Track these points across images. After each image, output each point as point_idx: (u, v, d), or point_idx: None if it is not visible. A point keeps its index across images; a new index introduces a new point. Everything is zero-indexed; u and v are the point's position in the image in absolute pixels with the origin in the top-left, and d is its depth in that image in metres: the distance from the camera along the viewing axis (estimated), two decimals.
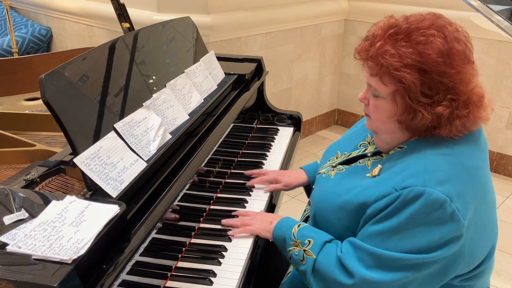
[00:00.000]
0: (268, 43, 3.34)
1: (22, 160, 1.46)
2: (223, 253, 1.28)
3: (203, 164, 1.45)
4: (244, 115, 2.05)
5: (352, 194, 1.13)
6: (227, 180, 1.66)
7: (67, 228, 0.89)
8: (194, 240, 1.34)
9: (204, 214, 1.46)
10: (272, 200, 1.60)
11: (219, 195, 1.56)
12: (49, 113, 1.08)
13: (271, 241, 1.32)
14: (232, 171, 1.72)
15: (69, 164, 1.20)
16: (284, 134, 2.05)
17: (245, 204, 1.52)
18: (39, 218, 0.91)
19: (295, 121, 2.13)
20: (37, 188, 1.17)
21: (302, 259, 1.16)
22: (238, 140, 1.92)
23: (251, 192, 1.58)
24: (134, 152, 1.19)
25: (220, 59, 1.94)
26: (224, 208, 1.49)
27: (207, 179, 1.53)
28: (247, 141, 1.95)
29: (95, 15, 3.44)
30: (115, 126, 1.19)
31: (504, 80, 3.27)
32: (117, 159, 1.12)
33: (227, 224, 1.38)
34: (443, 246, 1.00)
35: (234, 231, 1.35)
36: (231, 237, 1.34)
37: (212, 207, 1.50)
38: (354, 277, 1.06)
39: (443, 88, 1.04)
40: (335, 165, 1.29)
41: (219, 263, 1.25)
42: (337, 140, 1.43)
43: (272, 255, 1.58)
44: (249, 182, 1.61)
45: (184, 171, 1.27)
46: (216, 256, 1.27)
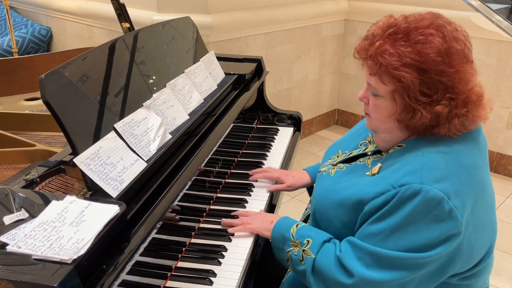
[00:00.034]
0: (268, 43, 3.34)
1: (22, 160, 1.46)
2: (223, 253, 1.28)
3: (203, 164, 1.45)
4: (244, 115, 2.05)
5: (351, 191, 1.13)
6: (227, 180, 1.66)
7: (67, 228, 0.89)
8: (194, 240, 1.34)
9: (204, 214, 1.46)
10: (272, 200, 1.60)
11: (219, 195, 1.57)
12: (49, 113, 1.08)
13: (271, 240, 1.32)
14: (232, 171, 1.72)
15: (69, 164, 1.20)
16: (284, 134, 2.05)
17: (245, 204, 1.52)
18: (39, 218, 0.91)
19: (295, 121, 2.13)
20: (37, 188, 1.17)
21: (302, 259, 1.16)
22: (238, 140, 1.92)
23: (251, 192, 1.58)
24: (134, 152, 1.19)
25: (220, 59, 1.94)
26: (224, 208, 1.49)
27: (207, 179, 1.53)
28: (247, 141, 1.95)
29: (95, 15, 3.44)
30: (115, 126, 1.19)
31: (504, 80, 3.27)
32: (117, 159, 1.12)
33: (227, 223, 1.38)
34: (441, 244, 1.01)
35: (234, 229, 1.35)
36: (231, 237, 1.34)
37: (212, 207, 1.50)
38: (354, 276, 1.06)
39: (442, 87, 1.04)
40: (335, 163, 1.29)
41: (219, 263, 1.25)
42: (338, 139, 1.43)
43: (273, 254, 1.58)
44: (252, 176, 1.64)
45: (184, 171, 1.27)
46: (216, 256, 1.27)
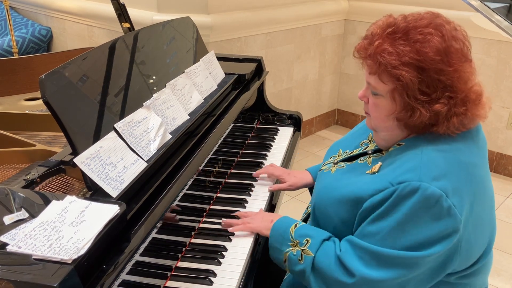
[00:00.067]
0: (268, 43, 3.34)
1: (22, 160, 1.46)
2: (223, 253, 1.28)
3: (203, 164, 1.45)
4: (244, 115, 2.05)
5: (350, 189, 1.14)
6: (227, 180, 1.66)
7: (67, 228, 0.89)
8: (194, 240, 1.34)
9: (204, 214, 1.46)
10: (272, 200, 1.60)
11: (219, 195, 1.57)
12: (49, 113, 1.08)
13: None
14: (232, 171, 1.72)
15: (69, 164, 1.20)
16: (284, 134, 2.05)
17: (245, 204, 1.52)
18: (39, 218, 0.91)
19: (295, 121, 2.13)
20: (37, 188, 1.17)
21: (301, 258, 1.16)
22: (238, 140, 1.92)
23: (251, 192, 1.58)
24: (134, 152, 1.19)
25: (220, 59, 1.94)
26: (224, 208, 1.49)
27: (207, 179, 1.53)
28: (247, 141, 1.95)
29: (95, 15, 3.44)
30: (115, 126, 1.19)
31: (504, 80, 3.27)
32: (117, 159, 1.12)
33: (227, 223, 1.38)
34: (440, 241, 1.01)
35: (234, 228, 1.35)
36: (231, 236, 1.34)
37: (212, 207, 1.50)
38: (355, 276, 1.06)
39: (441, 86, 1.04)
40: (336, 162, 1.30)
41: (219, 263, 1.25)
42: (339, 139, 1.44)
43: None
44: (255, 172, 1.65)
45: (184, 171, 1.27)
46: (216, 256, 1.27)
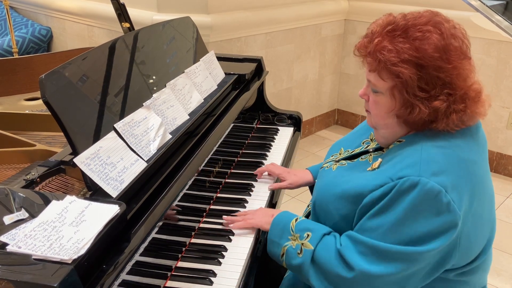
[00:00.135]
0: (268, 43, 3.34)
1: (22, 160, 1.46)
2: (223, 253, 1.28)
3: (203, 164, 1.45)
4: (244, 115, 2.05)
5: (351, 185, 1.15)
6: (227, 180, 1.66)
7: (67, 228, 0.89)
8: (194, 240, 1.34)
9: (204, 214, 1.46)
10: (272, 199, 1.60)
11: (219, 195, 1.57)
12: (49, 113, 1.08)
13: None
14: (232, 171, 1.72)
15: (69, 164, 1.20)
16: (284, 134, 2.05)
17: (245, 204, 1.52)
18: (39, 218, 0.91)
19: (295, 121, 2.14)
20: (37, 188, 1.17)
21: (300, 251, 1.16)
22: (238, 140, 1.92)
23: (251, 192, 1.58)
24: (134, 152, 1.19)
25: (220, 59, 1.94)
26: (224, 208, 1.49)
27: (207, 179, 1.53)
28: (247, 141, 1.95)
29: (95, 15, 3.44)
30: (115, 126, 1.19)
31: (504, 80, 3.27)
32: (117, 159, 1.12)
33: (228, 220, 1.38)
34: (440, 236, 1.01)
35: (235, 224, 1.36)
36: (231, 236, 1.34)
37: (212, 207, 1.50)
38: (354, 270, 1.06)
39: (440, 82, 1.05)
40: (338, 160, 1.31)
41: (219, 263, 1.25)
42: (341, 138, 1.44)
43: None
44: (256, 170, 1.66)
45: (184, 171, 1.27)
46: (216, 256, 1.27)
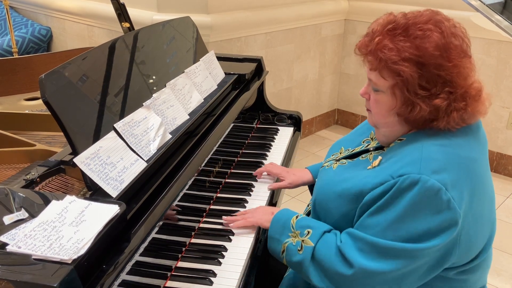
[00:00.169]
0: (268, 43, 3.34)
1: (22, 160, 1.46)
2: (223, 253, 1.28)
3: (203, 164, 1.45)
4: (244, 115, 2.05)
5: (351, 183, 1.15)
6: (227, 180, 1.66)
7: (67, 228, 0.89)
8: (194, 240, 1.34)
9: (204, 214, 1.46)
10: (272, 199, 1.60)
11: (219, 195, 1.57)
12: (49, 113, 1.08)
13: None
14: (232, 171, 1.72)
15: (69, 164, 1.20)
16: (284, 134, 2.05)
17: (245, 204, 1.52)
18: (39, 218, 0.91)
19: (295, 121, 2.13)
20: (37, 188, 1.17)
21: (300, 248, 1.16)
22: (238, 140, 1.92)
23: (251, 192, 1.58)
24: (134, 152, 1.19)
25: (220, 59, 1.94)
26: (224, 208, 1.49)
27: (207, 179, 1.53)
28: (247, 141, 1.95)
29: (95, 15, 3.44)
30: (115, 126, 1.19)
31: (504, 80, 3.27)
32: (117, 159, 1.12)
33: (228, 220, 1.38)
34: (440, 234, 1.01)
35: (235, 223, 1.36)
36: (231, 236, 1.34)
37: (212, 207, 1.50)
38: (353, 267, 1.06)
39: (441, 81, 1.06)
40: (338, 159, 1.31)
41: (219, 263, 1.25)
42: (341, 138, 1.44)
43: None
44: (255, 171, 1.66)
45: (184, 171, 1.27)
46: (216, 256, 1.27)
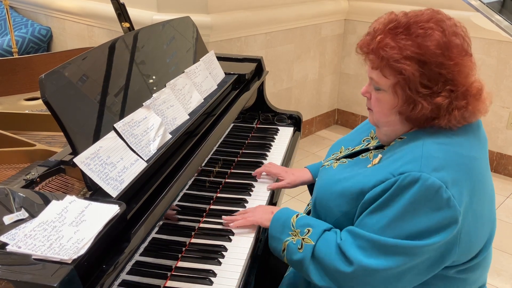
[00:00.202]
0: (268, 43, 3.34)
1: (22, 160, 1.46)
2: (223, 253, 1.28)
3: (203, 164, 1.45)
4: (244, 115, 2.05)
5: (352, 182, 1.15)
6: (227, 180, 1.66)
7: (67, 228, 0.89)
8: (194, 240, 1.34)
9: (204, 214, 1.46)
10: (272, 199, 1.60)
11: (219, 195, 1.57)
12: (49, 113, 1.08)
13: None
14: (232, 171, 1.72)
15: (69, 164, 1.20)
16: (284, 134, 2.05)
17: (245, 204, 1.52)
18: (39, 218, 0.91)
19: (295, 121, 2.13)
20: (37, 188, 1.17)
21: (300, 247, 1.17)
22: (238, 140, 1.92)
23: (251, 192, 1.58)
24: (134, 152, 1.19)
25: (220, 59, 1.94)
26: (224, 208, 1.49)
27: (207, 179, 1.53)
28: (247, 141, 1.95)
29: (95, 15, 3.44)
30: (115, 126, 1.19)
31: (504, 80, 3.27)
32: (117, 159, 1.12)
33: (228, 220, 1.38)
34: (439, 232, 1.02)
35: (235, 223, 1.36)
36: (231, 236, 1.34)
37: (212, 207, 1.50)
38: (353, 264, 1.06)
39: (442, 79, 1.06)
40: (338, 158, 1.31)
41: (219, 263, 1.25)
42: (342, 137, 1.45)
43: None
44: (254, 172, 1.66)
45: (184, 171, 1.27)
46: (216, 256, 1.27)
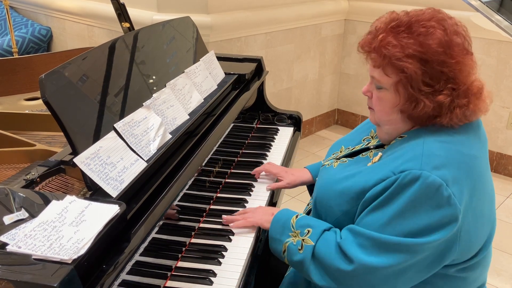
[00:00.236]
0: (268, 43, 3.34)
1: (22, 160, 1.46)
2: (223, 253, 1.28)
3: (203, 164, 1.45)
4: (244, 115, 2.05)
5: (352, 181, 1.15)
6: (227, 180, 1.66)
7: (67, 228, 0.89)
8: (194, 240, 1.34)
9: (204, 214, 1.46)
10: (272, 199, 1.60)
11: (219, 195, 1.57)
12: (49, 113, 1.08)
13: None
14: (232, 171, 1.72)
15: (69, 164, 1.20)
16: (284, 134, 2.05)
17: (245, 204, 1.52)
18: (39, 218, 0.91)
19: (295, 121, 2.13)
20: (37, 188, 1.17)
21: (300, 247, 1.17)
22: (238, 140, 1.92)
23: (251, 192, 1.58)
24: (134, 152, 1.19)
25: (220, 59, 1.94)
26: (224, 208, 1.49)
27: (207, 179, 1.53)
28: (247, 141, 1.95)
29: (95, 15, 3.44)
30: (115, 126, 1.19)
31: (504, 80, 3.27)
32: (117, 159, 1.12)
33: (228, 220, 1.38)
34: (440, 229, 1.02)
35: (235, 223, 1.36)
36: (231, 236, 1.34)
37: (212, 207, 1.50)
38: (354, 263, 1.07)
39: (444, 77, 1.06)
40: (338, 157, 1.31)
41: (219, 263, 1.25)
42: (342, 137, 1.45)
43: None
44: (253, 171, 1.66)
45: (184, 171, 1.27)
46: (216, 256, 1.27)
